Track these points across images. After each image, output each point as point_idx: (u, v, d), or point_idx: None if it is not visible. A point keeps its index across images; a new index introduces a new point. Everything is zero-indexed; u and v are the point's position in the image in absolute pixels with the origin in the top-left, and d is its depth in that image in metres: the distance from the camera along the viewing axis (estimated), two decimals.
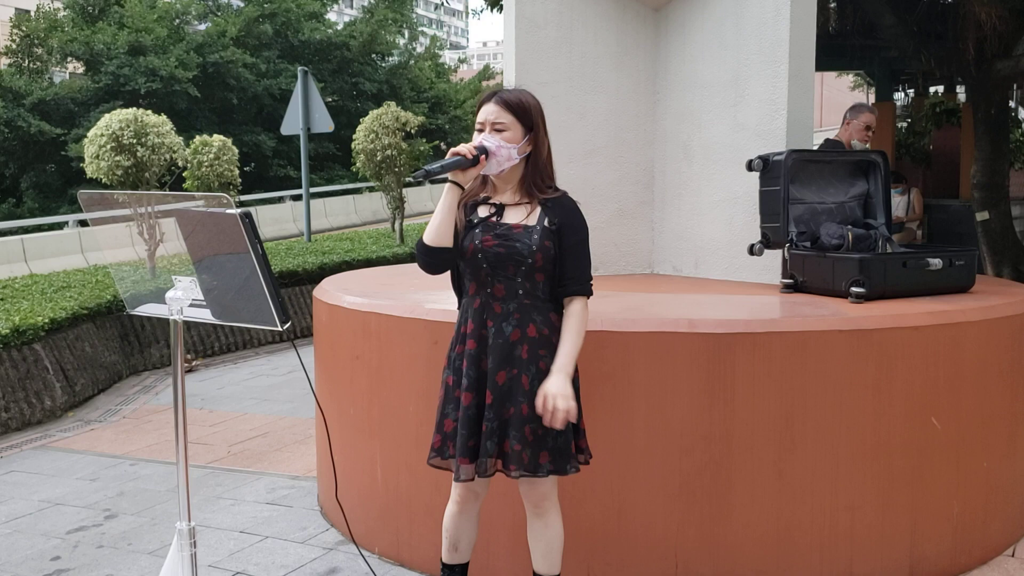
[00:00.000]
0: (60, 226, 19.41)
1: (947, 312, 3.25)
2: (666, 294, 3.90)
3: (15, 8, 35.69)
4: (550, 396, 2.47)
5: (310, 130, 12.92)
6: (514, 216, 2.59)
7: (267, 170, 28.10)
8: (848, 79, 27.73)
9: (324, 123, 12.80)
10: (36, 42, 26.07)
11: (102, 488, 4.57)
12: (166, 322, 2.51)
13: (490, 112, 2.57)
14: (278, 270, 8.89)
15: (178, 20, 28.37)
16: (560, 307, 2.63)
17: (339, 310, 3.71)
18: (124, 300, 2.74)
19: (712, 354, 3.03)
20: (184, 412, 2.56)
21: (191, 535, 2.55)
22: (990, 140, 8.85)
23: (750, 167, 3.82)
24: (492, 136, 2.55)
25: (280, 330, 2.30)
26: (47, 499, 4.44)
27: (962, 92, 14.54)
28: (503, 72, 4.70)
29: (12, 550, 3.82)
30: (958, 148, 12.83)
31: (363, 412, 3.59)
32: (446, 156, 2.54)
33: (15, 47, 25.94)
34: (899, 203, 8.28)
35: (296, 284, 9.02)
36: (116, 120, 8.81)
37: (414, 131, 12.02)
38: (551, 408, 2.47)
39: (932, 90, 17.44)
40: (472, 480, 2.59)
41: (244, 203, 19.31)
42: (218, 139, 11.19)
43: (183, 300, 2.46)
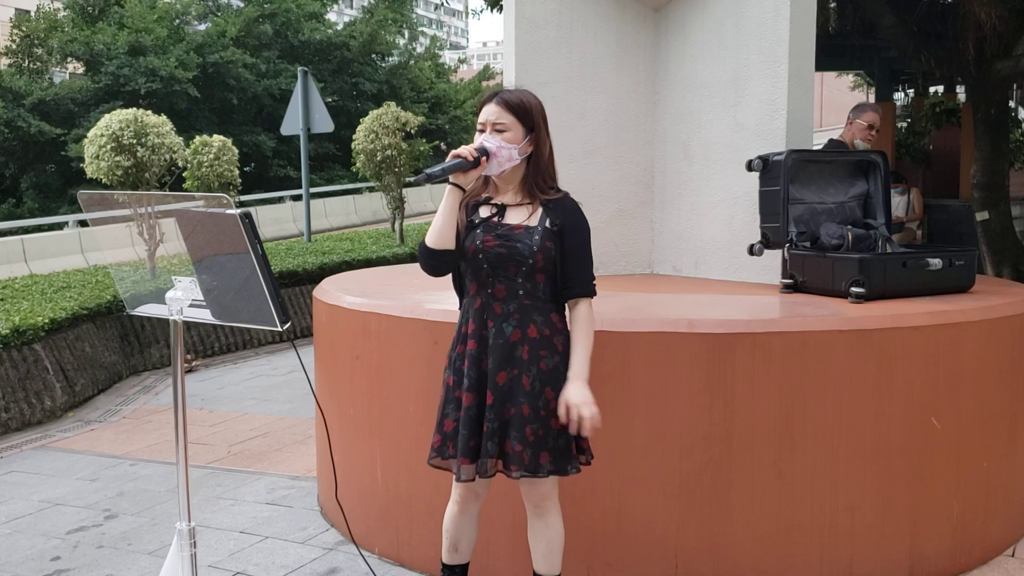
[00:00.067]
0: (60, 226, 19.41)
1: (947, 312, 3.25)
2: (666, 294, 3.90)
3: (15, 8, 35.71)
4: (573, 406, 2.49)
5: (310, 130, 12.92)
6: (515, 217, 2.59)
7: (267, 170, 28.10)
8: (848, 79, 27.72)
9: (324, 123, 12.79)
10: (36, 42, 26.06)
11: (102, 488, 4.57)
12: (166, 322, 2.52)
13: (491, 113, 2.56)
14: (278, 270, 8.89)
15: (178, 20, 28.37)
16: (561, 307, 2.63)
17: (339, 310, 3.71)
18: (124, 300, 2.74)
19: (712, 354, 3.03)
20: (184, 412, 2.56)
21: (191, 535, 2.55)
22: (990, 140, 8.85)
23: (750, 167, 3.82)
24: (493, 137, 2.54)
25: (280, 330, 2.30)
26: (47, 499, 4.44)
27: (962, 92, 14.54)
28: (503, 72, 4.70)
29: (12, 550, 3.82)
30: (958, 148, 12.82)
31: (363, 412, 3.59)
32: (447, 158, 2.53)
33: (15, 47, 25.94)
34: (899, 203, 8.27)
35: (296, 284, 9.02)
36: (116, 120, 8.81)
37: (414, 131, 12.02)
38: (575, 417, 2.48)
39: (932, 90, 17.44)
40: (473, 480, 2.59)
41: (244, 203, 19.31)
42: (218, 139, 11.18)
43: (183, 300, 2.46)
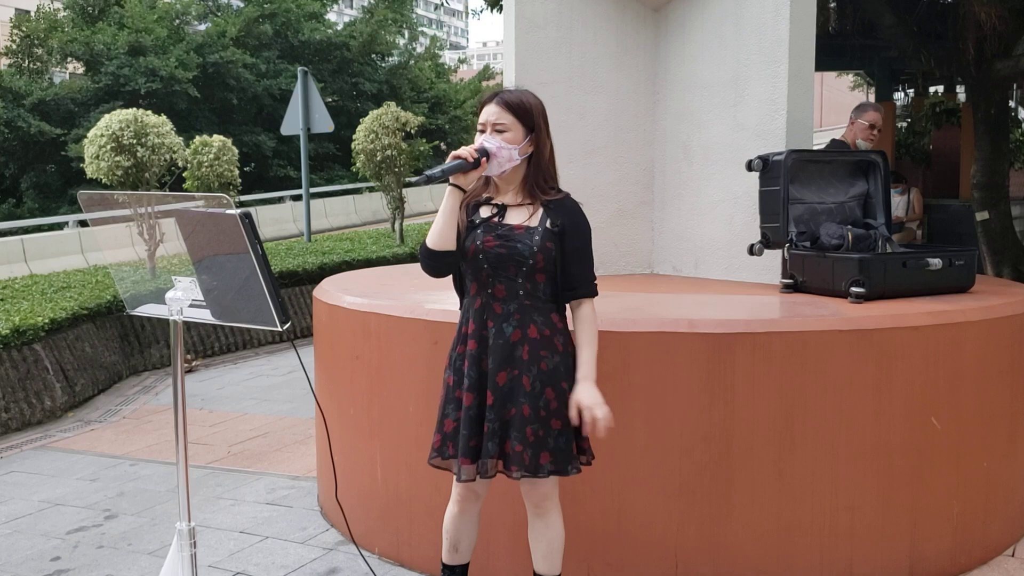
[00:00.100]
0: (60, 226, 19.40)
1: (947, 312, 3.25)
2: (666, 294, 3.90)
3: (15, 8, 35.71)
4: (586, 407, 2.50)
5: (310, 130, 12.92)
6: (516, 217, 2.58)
7: (267, 170, 28.09)
8: (848, 79, 27.72)
9: (324, 123, 12.79)
10: (36, 42, 26.06)
11: (102, 488, 4.57)
12: (166, 322, 2.52)
13: (491, 113, 2.56)
14: (278, 270, 8.89)
15: (178, 20, 28.36)
16: (562, 308, 2.63)
17: (339, 310, 3.71)
18: (124, 300, 2.74)
19: (712, 354, 3.03)
20: (184, 412, 2.56)
21: (191, 535, 2.55)
22: (990, 140, 8.85)
23: (750, 167, 3.82)
24: (493, 137, 2.54)
25: (280, 330, 2.30)
26: (47, 499, 4.44)
27: (962, 92, 14.53)
28: (503, 72, 4.70)
29: (12, 550, 3.82)
30: (958, 148, 12.82)
31: (363, 412, 3.59)
32: (447, 159, 2.53)
33: (15, 47, 25.93)
34: (899, 203, 8.26)
35: (296, 284, 9.02)
36: (116, 120, 8.80)
37: (414, 131, 12.01)
38: (589, 419, 2.49)
39: (932, 90, 17.43)
40: (473, 480, 2.59)
41: (244, 203, 19.31)
42: (218, 139, 11.18)
43: (183, 300, 2.46)
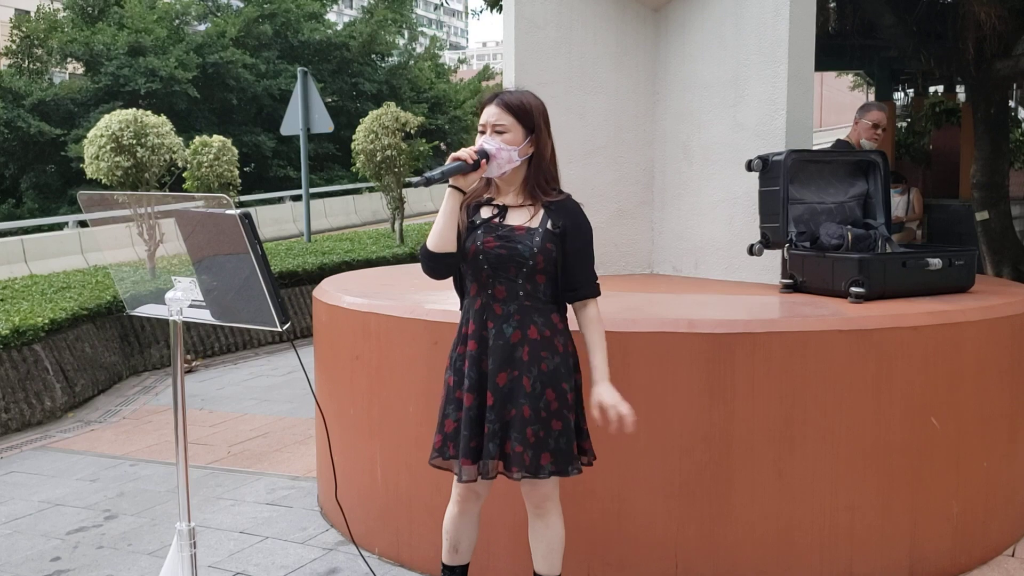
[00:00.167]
0: (60, 227, 19.39)
1: (947, 312, 3.25)
2: (666, 294, 3.90)
3: (15, 9, 35.70)
4: (609, 406, 2.53)
5: (310, 130, 12.91)
6: (517, 218, 2.58)
7: (267, 170, 28.08)
8: (848, 79, 27.72)
9: (324, 123, 12.79)
10: (36, 43, 26.04)
11: (102, 489, 4.57)
12: (166, 323, 2.52)
13: (491, 114, 2.56)
14: (278, 270, 8.89)
15: (178, 21, 28.35)
16: (562, 308, 2.63)
17: (339, 310, 3.71)
18: (124, 301, 2.74)
19: (712, 354, 3.03)
20: (184, 412, 2.56)
21: (191, 536, 2.55)
22: (990, 140, 8.85)
23: (750, 167, 3.82)
24: (492, 139, 2.54)
25: (280, 330, 2.30)
26: (47, 500, 4.44)
27: (962, 92, 14.53)
28: (503, 72, 4.70)
29: (12, 551, 3.82)
30: (958, 148, 12.82)
31: (363, 412, 3.59)
32: (447, 160, 2.53)
33: (15, 48, 25.92)
34: (899, 203, 8.26)
35: (296, 284, 9.02)
36: (116, 121, 8.80)
37: (414, 131, 12.01)
38: (615, 417, 2.51)
39: (932, 90, 17.43)
40: (475, 481, 2.60)
41: (244, 203, 19.30)
42: (218, 139, 11.18)
43: (183, 301, 2.46)
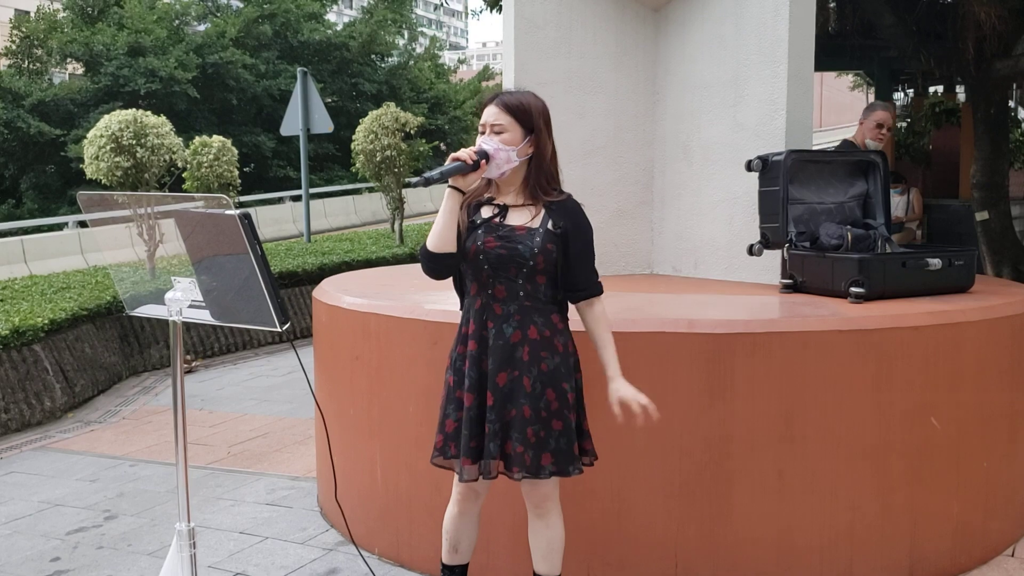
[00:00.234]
0: (60, 227, 19.38)
1: (947, 312, 3.25)
2: (666, 294, 3.90)
3: (15, 9, 35.70)
4: (630, 400, 2.55)
5: (310, 131, 12.91)
6: (517, 218, 2.58)
7: (267, 171, 28.07)
8: (848, 79, 27.74)
9: (323, 124, 12.79)
10: (36, 43, 26.03)
11: (102, 489, 4.57)
12: (166, 323, 2.52)
13: (490, 114, 2.56)
14: (278, 271, 8.88)
15: (177, 21, 28.34)
16: (563, 308, 2.63)
17: (339, 311, 3.71)
18: (124, 301, 2.74)
19: (712, 354, 3.02)
20: (184, 413, 2.56)
21: (191, 536, 2.55)
22: (990, 140, 8.84)
23: (749, 167, 3.82)
24: (491, 139, 2.54)
25: (279, 331, 2.30)
26: (47, 500, 4.44)
27: (962, 92, 14.53)
28: (502, 72, 4.70)
29: (12, 551, 3.82)
30: (958, 148, 12.81)
31: (363, 412, 3.59)
32: (446, 161, 2.53)
33: (15, 48, 25.91)
34: (899, 203, 8.25)
35: (296, 285, 9.02)
36: (115, 121, 8.80)
37: (414, 132, 12.01)
38: (638, 410, 2.54)
39: (932, 90, 17.42)
40: (476, 480, 2.60)
41: (243, 204, 19.29)
42: (217, 140, 11.17)
43: (182, 301, 2.46)
